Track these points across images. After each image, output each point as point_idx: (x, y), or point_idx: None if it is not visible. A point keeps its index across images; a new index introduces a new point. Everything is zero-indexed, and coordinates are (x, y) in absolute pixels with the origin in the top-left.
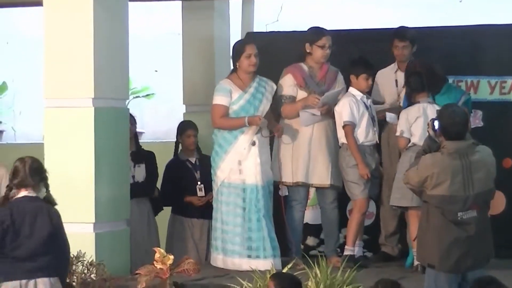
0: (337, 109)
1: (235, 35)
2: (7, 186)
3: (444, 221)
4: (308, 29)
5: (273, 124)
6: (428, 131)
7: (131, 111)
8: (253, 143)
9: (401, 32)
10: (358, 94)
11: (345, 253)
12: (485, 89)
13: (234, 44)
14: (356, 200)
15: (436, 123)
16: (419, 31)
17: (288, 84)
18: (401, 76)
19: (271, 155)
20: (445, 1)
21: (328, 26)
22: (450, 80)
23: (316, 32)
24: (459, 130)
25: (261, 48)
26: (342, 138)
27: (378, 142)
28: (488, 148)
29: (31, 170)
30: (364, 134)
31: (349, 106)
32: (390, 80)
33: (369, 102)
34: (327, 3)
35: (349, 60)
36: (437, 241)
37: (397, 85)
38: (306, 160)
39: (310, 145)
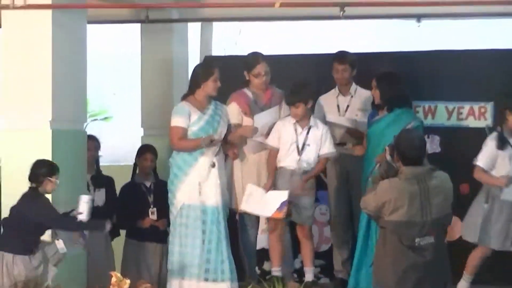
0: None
1: (194, 58)
2: None
3: (401, 246)
4: (245, 56)
5: (227, 147)
6: (385, 156)
7: (93, 134)
8: (213, 165)
9: (341, 56)
10: (291, 120)
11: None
12: (443, 114)
13: (201, 66)
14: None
15: (394, 148)
16: (377, 55)
17: (233, 112)
18: (342, 101)
19: None
20: (403, 25)
21: (284, 50)
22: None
23: (251, 61)
24: (416, 156)
25: (219, 71)
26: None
27: (303, 168)
28: (445, 174)
29: None
30: (285, 158)
31: (275, 130)
32: (332, 104)
33: (304, 128)
34: (285, 28)
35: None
36: (393, 266)
37: (339, 110)
38: (255, 176)
39: (259, 172)
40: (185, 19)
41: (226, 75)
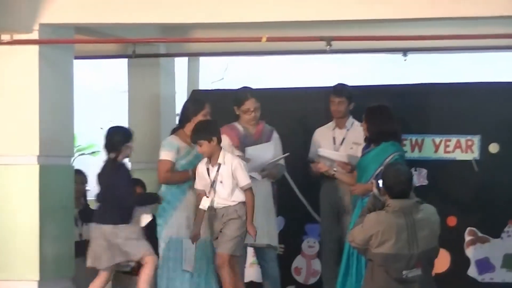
0: None
1: (181, 93)
2: None
3: (388, 279)
4: (235, 91)
5: None
6: (372, 190)
7: (79, 168)
8: None
9: (338, 88)
10: (204, 161)
11: None
12: (430, 147)
13: (191, 101)
14: None
15: (380, 181)
16: (363, 89)
17: (223, 145)
18: (339, 133)
19: None
20: (390, 59)
21: (271, 84)
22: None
23: (240, 96)
24: (403, 189)
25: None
26: None
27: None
28: (432, 207)
29: None
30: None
31: (197, 174)
32: (328, 137)
33: (214, 166)
34: (272, 62)
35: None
36: None
37: (334, 143)
38: None
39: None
40: (172, 54)
41: (213, 110)
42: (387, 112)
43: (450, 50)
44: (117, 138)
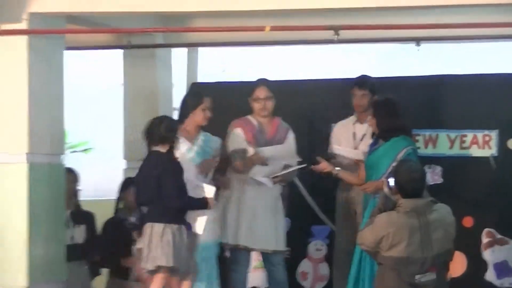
0: None
1: (180, 87)
2: None
3: (401, 283)
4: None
5: (218, 177)
6: (383, 188)
7: (71, 167)
8: None
9: (361, 81)
10: None
11: None
12: (445, 143)
13: (189, 95)
14: None
15: (391, 180)
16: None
17: (238, 138)
18: (359, 128)
19: None
20: (402, 49)
21: (278, 77)
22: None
23: (252, 85)
24: (416, 187)
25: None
26: None
27: None
28: (447, 206)
29: None
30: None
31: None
32: (348, 132)
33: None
34: (276, 53)
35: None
36: None
37: (354, 138)
38: (250, 222)
39: (255, 208)
40: (170, 45)
41: (214, 103)
42: (395, 105)
43: (465, 40)
44: (170, 127)
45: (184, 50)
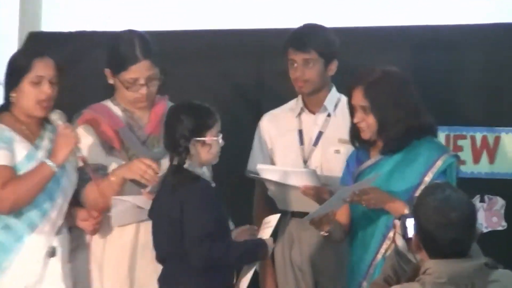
0: None
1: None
2: None
3: None
4: (109, 36)
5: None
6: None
7: None
8: (52, 253)
9: (300, 37)
10: None
11: None
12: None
13: (16, 56)
14: None
15: (410, 223)
16: (348, 32)
17: (88, 144)
18: (310, 123)
19: None
20: None
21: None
22: (443, 133)
23: (121, 53)
24: (455, 239)
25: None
26: None
27: None
28: None
29: None
30: None
31: None
32: (288, 132)
33: None
34: None
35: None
36: None
37: (302, 142)
38: (126, 272)
39: (133, 256)
40: None
41: (64, 68)
42: (405, 82)
43: None
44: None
45: None
